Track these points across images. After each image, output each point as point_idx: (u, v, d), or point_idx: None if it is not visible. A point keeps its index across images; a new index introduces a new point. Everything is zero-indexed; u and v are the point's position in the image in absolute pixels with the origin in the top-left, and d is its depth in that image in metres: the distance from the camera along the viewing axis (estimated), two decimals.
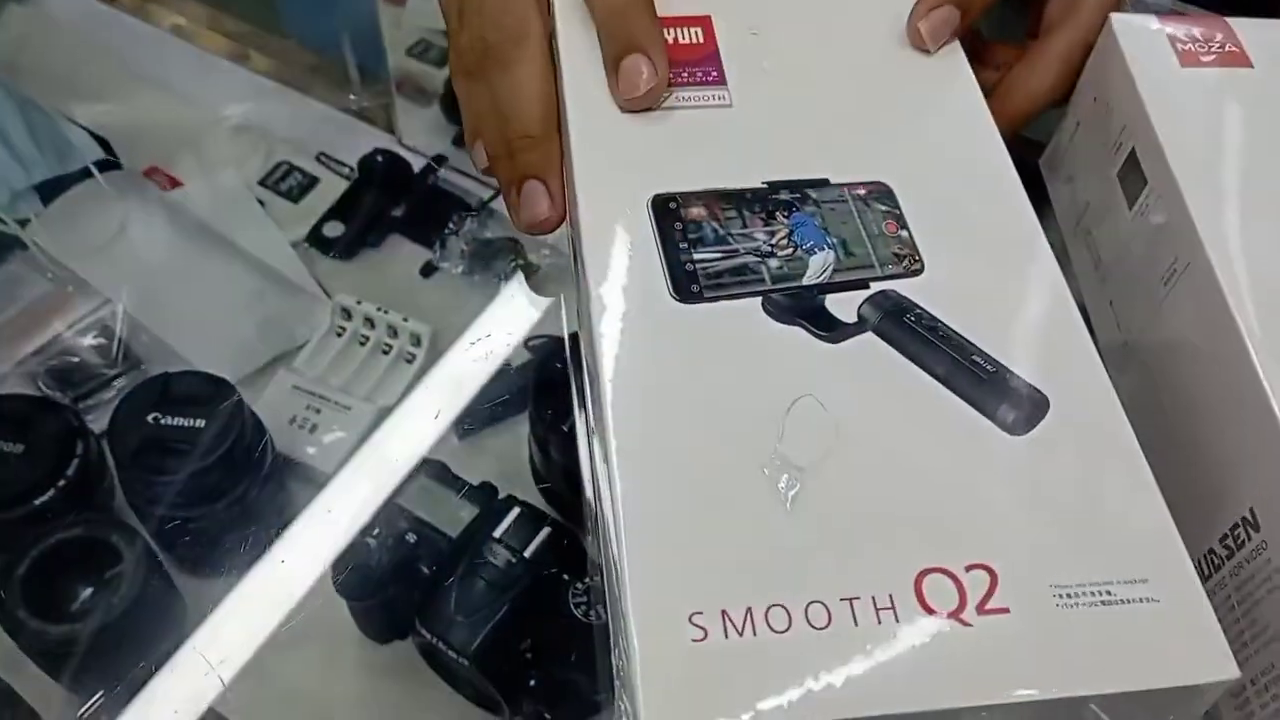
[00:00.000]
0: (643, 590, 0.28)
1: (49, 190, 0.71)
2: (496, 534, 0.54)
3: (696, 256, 0.33)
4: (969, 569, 0.28)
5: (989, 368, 0.32)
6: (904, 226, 0.35)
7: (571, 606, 0.53)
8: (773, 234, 0.34)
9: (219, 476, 0.57)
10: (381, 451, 0.63)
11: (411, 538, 0.56)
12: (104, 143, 0.75)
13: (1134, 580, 0.28)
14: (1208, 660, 0.28)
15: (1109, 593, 0.28)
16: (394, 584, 0.55)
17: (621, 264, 0.33)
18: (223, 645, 0.57)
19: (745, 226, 0.34)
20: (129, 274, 0.70)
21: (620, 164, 0.36)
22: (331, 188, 0.77)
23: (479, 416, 0.67)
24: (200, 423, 0.57)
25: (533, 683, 0.54)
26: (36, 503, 0.54)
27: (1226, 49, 0.39)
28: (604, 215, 0.34)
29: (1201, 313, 0.35)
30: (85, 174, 0.72)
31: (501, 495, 0.58)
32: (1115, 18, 0.40)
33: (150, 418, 0.57)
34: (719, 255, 0.33)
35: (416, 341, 0.69)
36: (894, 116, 0.37)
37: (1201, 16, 0.40)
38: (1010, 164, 0.37)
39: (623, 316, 0.32)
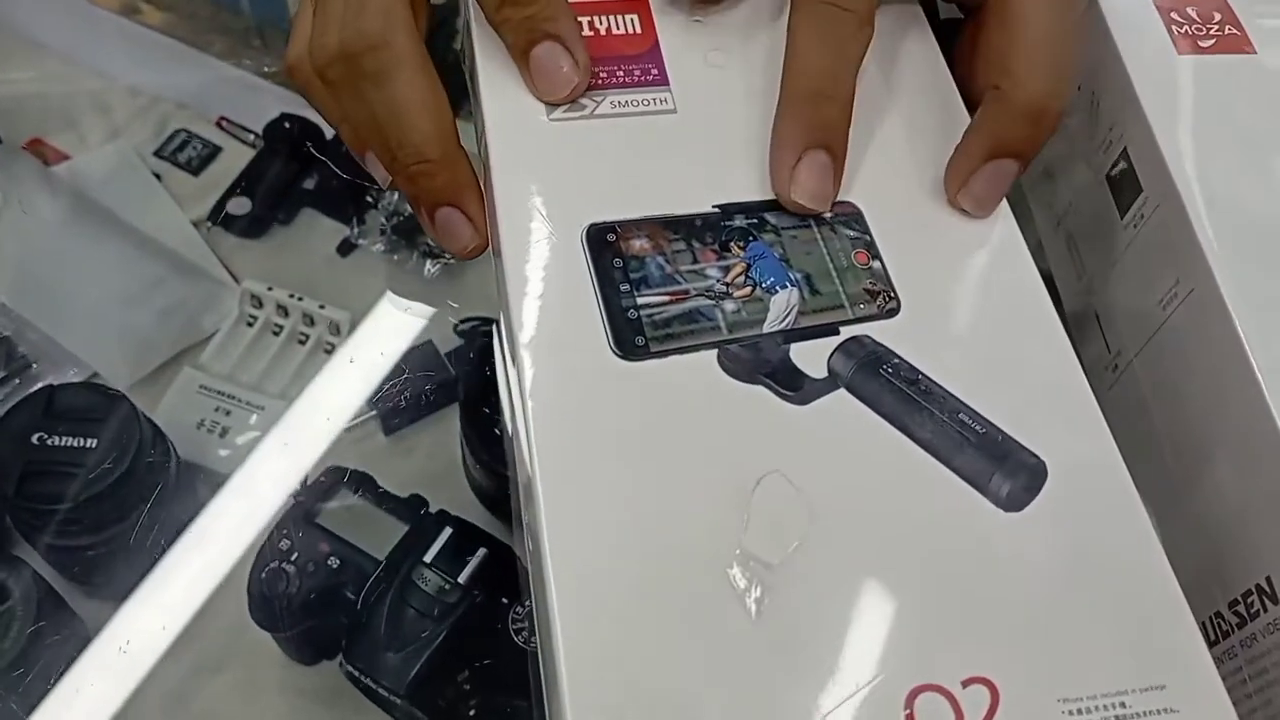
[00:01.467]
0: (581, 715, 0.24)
1: None
2: (428, 558, 0.50)
3: (641, 301, 0.29)
4: (966, 685, 0.24)
5: (978, 428, 0.28)
6: (876, 256, 0.30)
7: (512, 633, 0.49)
8: (727, 270, 0.29)
9: (116, 499, 0.52)
10: (299, 458, 0.58)
11: (334, 562, 0.51)
12: None
13: (1150, 687, 0.25)
14: None
15: (1123, 704, 0.24)
16: (317, 613, 0.51)
17: (552, 312, 0.28)
18: (132, 672, 0.53)
19: (695, 261, 0.29)
20: (11, 262, 0.64)
21: (549, 185, 0.31)
22: (235, 157, 0.71)
23: (406, 410, 0.62)
24: (90, 441, 0.52)
25: (473, 713, 0.50)
26: None
27: (1227, 31, 0.35)
28: (530, 249, 0.29)
29: (1207, 345, 0.31)
30: None
31: (433, 509, 0.54)
32: None
33: (35, 438, 0.51)
34: (666, 298, 0.29)
35: (335, 330, 0.64)
36: (861, 119, 0.32)
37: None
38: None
39: (553, 376, 0.27)
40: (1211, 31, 0.35)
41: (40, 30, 0.74)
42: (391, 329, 0.65)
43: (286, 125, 0.70)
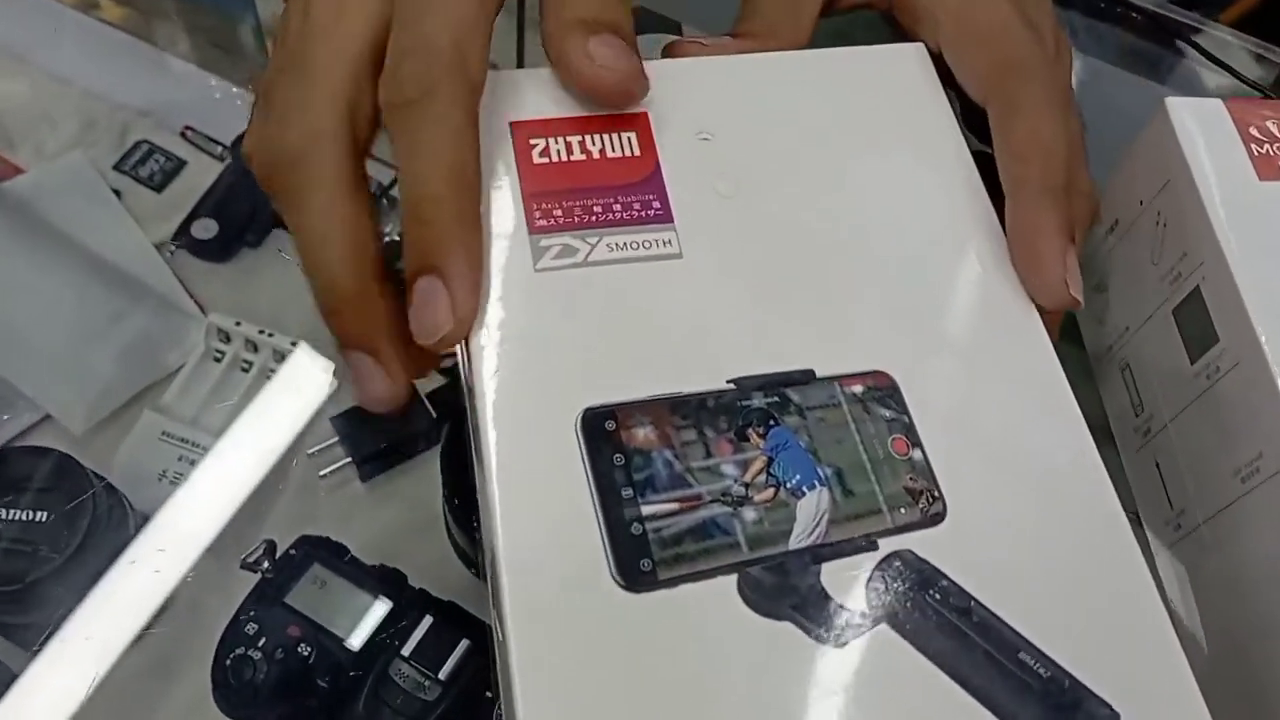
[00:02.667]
0: None
1: None
2: (406, 651, 0.46)
3: (646, 511, 0.24)
4: None
5: (1041, 671, 0.24)
6: (916, 443, 0.26)
7: None
8: (745, 465, 0.25)
9: (64, 578, 0.48)
10: (265, 519, 0.54)
11: (305, 650, 0.47)
12: None
13: None
14: None
15: None
16: (286, 703, 0.47)
17: (541, 524, 0.24)
18: None
19: (709, 454, 0.25)
20: None
21: (535, 352, 0.26)
22: (202, 172, 0.65)
23: (384, 456, 0.58)
24: (40, 515, 0.48)
25: None
26: None
27: None
28: (514, 438, 0.25)
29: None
30: None
31: (413, 582, 0.50)
32: (1171, 103, 0.31)
33: None
34: (676, 506, 0.25)
35: None
36: (896, 262, 0.28)
37: (1272, 104, 0.31)
38: (1049, 346, 0.28)
39: (544, 614, 0.23)
40: None
41: None
42: None
43: None
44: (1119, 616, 0.25)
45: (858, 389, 0.27)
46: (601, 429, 0.25)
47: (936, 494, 0.26)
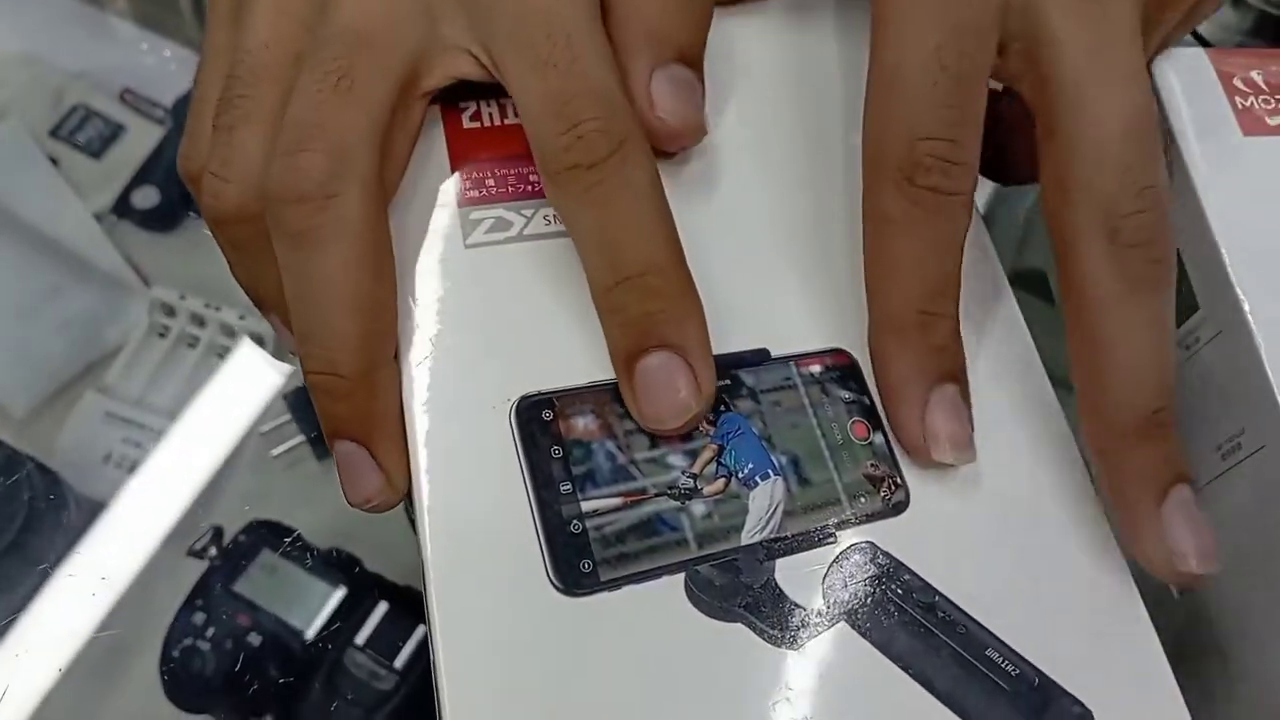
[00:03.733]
0: None
1: None
2: (359, 640, 0.44)
3: (586, 507, 0.23)
4: None
5: (1010, 669, 0.22)
6: (877, 426, 0.24)
7: None
8: (694, 455, 0.23)
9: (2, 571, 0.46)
10: (213, 501, 0.52)
11: (255, 639, 0.46)
12: None
13: None
14: None
15: None
16: (235, 693, 0.46)
17: (472, 523, 0.22)
18: None
19: (654, 445, 0.23)
20: None
21: (466, 335, 0.24)
22: (142, 137, 0.63)
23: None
24: None
25: None
26: None
27: None
28: (440, 426, 0.23)
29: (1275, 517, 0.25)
30: None
31: (367, 566, 0.48)
32: (1160, 57, 0.29)
33: None
34: (619, 501, 0.23)
35: (259, 341, 0.57)
36: (846, 252, 0.26)
37: (1268, 54, 0.29)
38: (1023, 326, 0.26)
39: (475, 621, 0.22)
40: None
41: None
42: None
43: None
44: (1093, 607, 0.23)
45: (815, 369, 0.25)
46: (538, 418, 0.23)
47: (899, 481, 0.24)
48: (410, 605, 0.46)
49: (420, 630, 0.45)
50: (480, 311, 0.24)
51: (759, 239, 0.26)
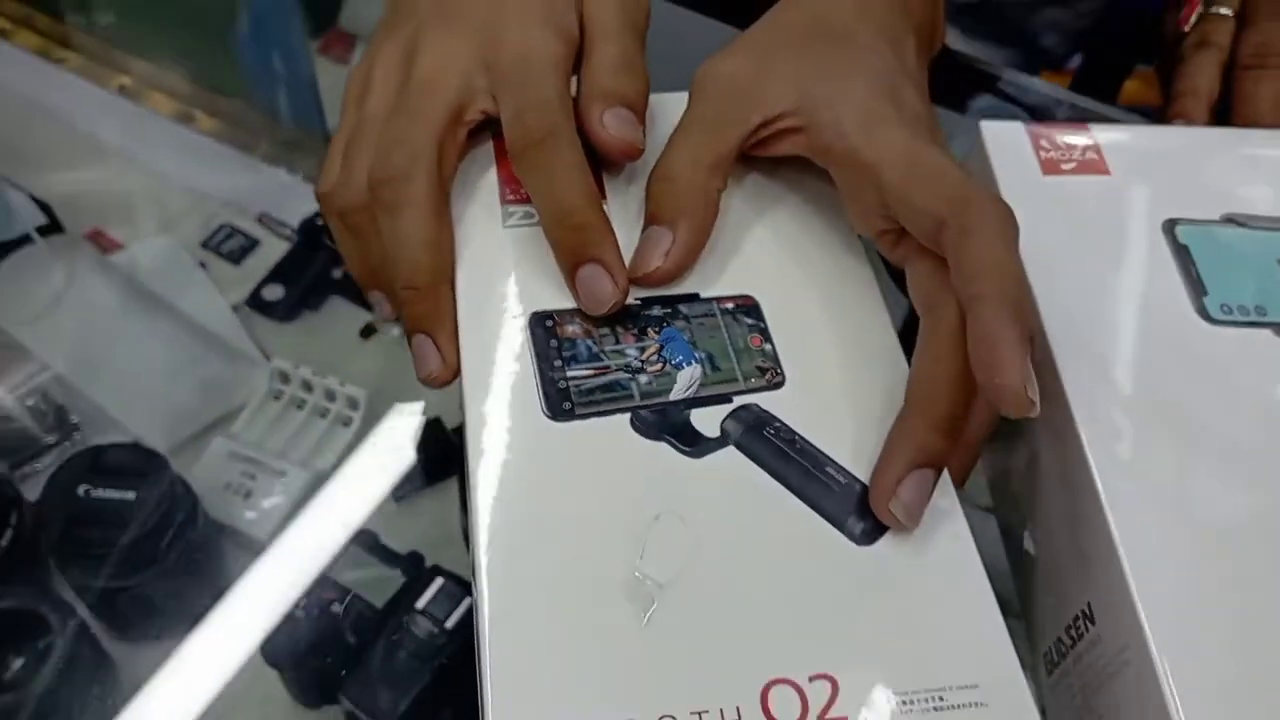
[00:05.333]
0: (502, 702, 0.30)
1: None
2: (419, 605, 0.56)
3: (570, 374, 0.35)
4: (812, 679, 0.30)
5: (841, 479, 0.34)
6: (768, 340, 0.37)
7: None
8: (643, 350, 0.36)
9: (149, 547, 0.58)
10: (316, 518, 0.65)
11: (337, 608, 0.57)
12: (45, 207, 0.76)
13: (966, 686, 0.30)
14: None
15: (941, 699, 0.30)
16: (320, 653, 0.57)
17: (497, 379, 0.35)
18: (156, 710, 0.59)
19: (618, 342, 0.36)
20: (68, 338, 0.72)
21: (501, 280, 0.37)
22: (272, 250, 0.79)
23: (414, 481, 0.68)
24: (130, 494, 0.58)
25: None
26: None
27: (1086, 156, 0.42)
28: (483, 330, 0.36)
29: (1051, 423, 0.37)
30: (27, 239, 0.74)
31: (429, 564, 0.60)
32: (985, 125, 0.42)
33: (81, 490, 0.58)
34: (591, 372, 0.35)
35: (353, 405, 0.71)
36: (762, 222, 0.39)
37: (1068, 125, 0.42)
38: (872, 279, 0.39)
39: (496, 432, 0.34)
40: (1073, 157, 0.41)
41: (104, 132, 0.83)
42: (405, 407, 0.71)
43: (319, 222, 0.78)
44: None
45: (729, 306, 0.37)
46: (543, 324, 0.36)
47: (779, 371, 0.36)
48: (460, 584, 0.57)
49: (466, 600, 0.56)
50: (509, 263, 0.38)
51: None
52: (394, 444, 0.70)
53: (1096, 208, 0.40)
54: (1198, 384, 0.36)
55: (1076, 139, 0.42)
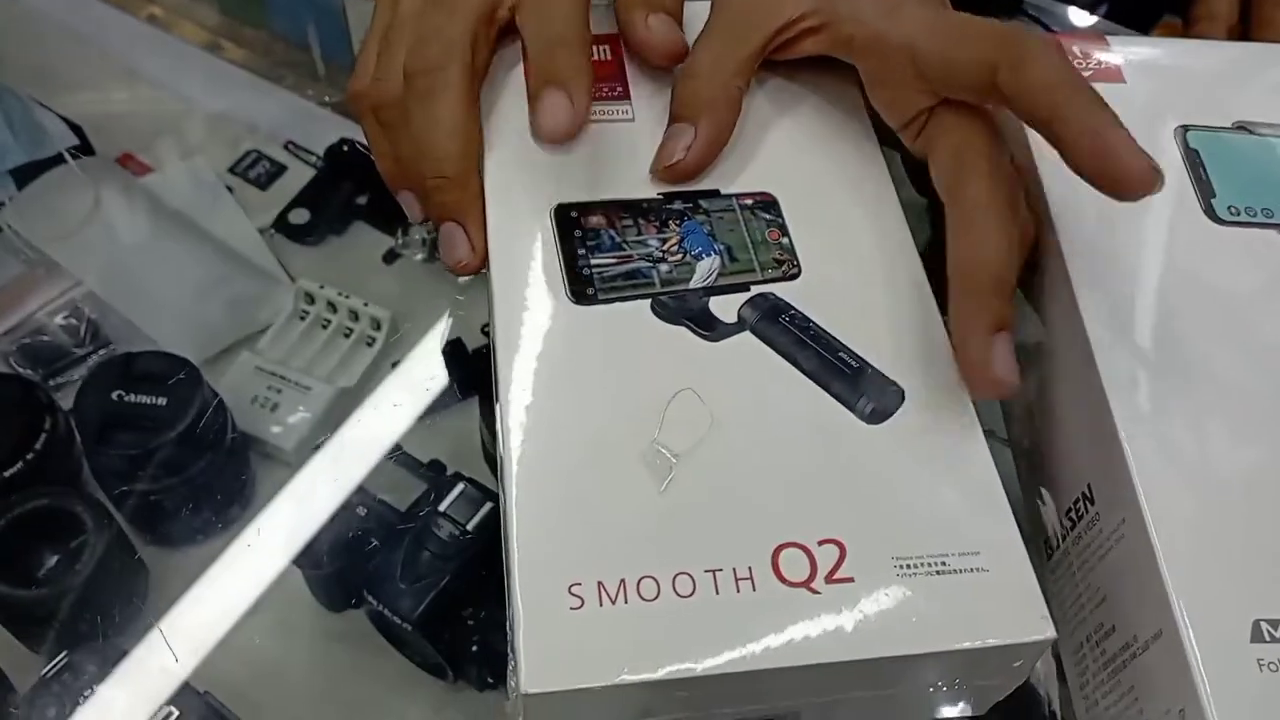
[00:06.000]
0: (528, 563, 0.31)
1: (23, 175, 0.73)
2: (442, 508, 0.57)
3: (594, 262, 0.37)
4: (821, 543, 0.32)
5: (853, 364, 0.35)
6: (785, 234, 0.38)
7: None
8: (664, 241, 0.37)
9: (180, 452, 0.60)
10: (342, 434, 0.66)
11: (362, 511, 0.59)
12: (78, 130, 0.77)
13: (967, 553, 0.32)
14: (1028, 623, 0.31)
15: (944, 563, 0.32)
16: (345, 555, 0.59)
17: (524, 267, 0.36)
18: (185, 611, 0.61)
19: (640, 234, 0.37)
20: (100, 257, 0.73)
21: (528, 175, 0.39)
22: (299, 176, 0.79)
23: (436, 399, 0.70)
24: (162, 400, 0.60)
25: (475, 648, 0.57)
26: (5, 474, 0.58)
27: (1103, 65, 0.42)
28: (510, 221, 0.38)
29: (1059, 316, 0.38)
30: (59, 160, 0.75)
31: (450, 472, 0.62)
32: None
33: (114, 395, 0.60)
34: (614, 261, 0.37)
35: (376, 325, 0.72)
36: (783, 131, 0.40)
37: (1084, 36, 0.43)
38: (888, 179, 0.40)
39: (522, 316, 0.35)
40: (1090, 66, 0.42)
41: (136, 60, 0.84)
42: (428, 329, 0.73)
43: (344, 149, 0.79)
44: (913, 339, 0.36)
45: (748, 201, 0.39)
46: (568, 216, 0.38)
47: (796, 263, 0.37)
48: (481, 489, 0.59)
49: (488, 505, 0.58)
50: (537, 159, 0.39)
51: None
52: (417, 364, 0.72)
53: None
54: (1203, 279, 0.37)
55: (1094, 49, 0.43)
